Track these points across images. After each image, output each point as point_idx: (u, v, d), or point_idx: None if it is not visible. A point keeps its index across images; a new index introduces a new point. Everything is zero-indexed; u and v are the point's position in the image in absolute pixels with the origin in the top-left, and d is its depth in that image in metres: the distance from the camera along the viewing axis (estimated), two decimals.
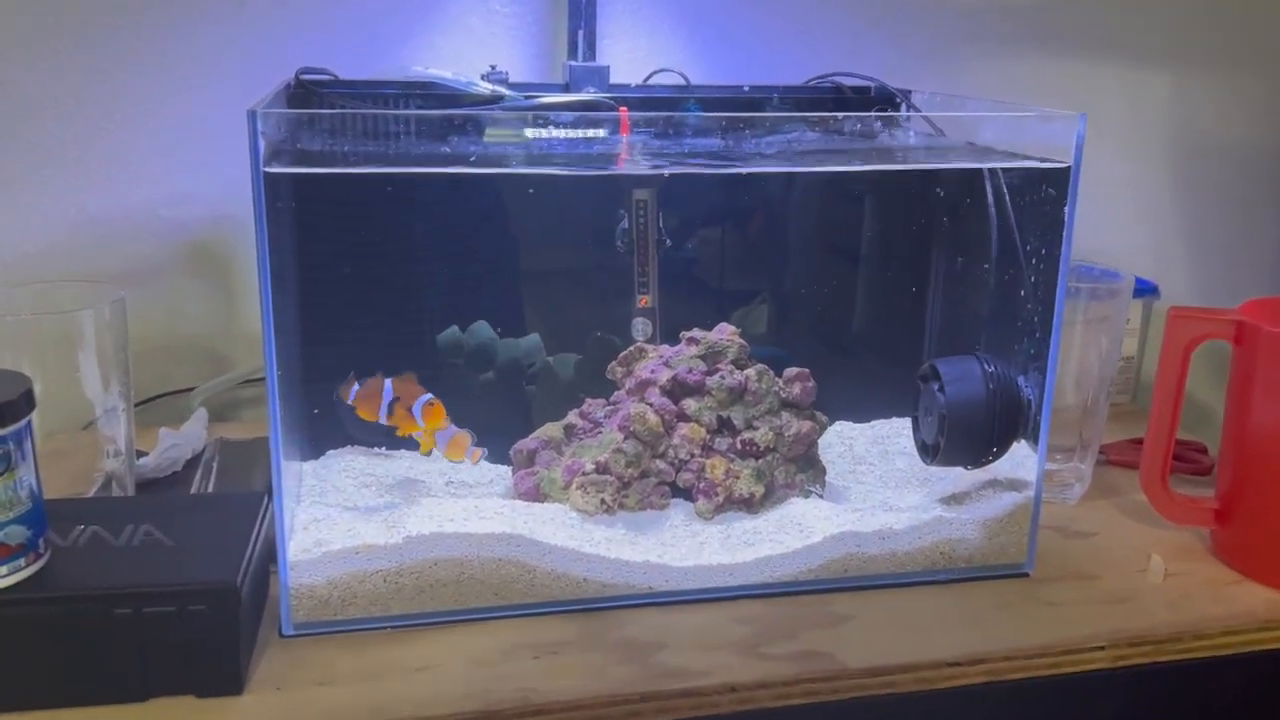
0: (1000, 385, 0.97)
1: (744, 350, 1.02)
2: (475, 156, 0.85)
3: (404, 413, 0.92)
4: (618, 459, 0.96)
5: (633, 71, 1.29)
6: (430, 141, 0.88)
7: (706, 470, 0.98)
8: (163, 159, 1.27)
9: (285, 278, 0.97)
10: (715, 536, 0.96)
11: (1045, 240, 0.97)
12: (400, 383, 0.93)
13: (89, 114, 1.24)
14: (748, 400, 1.00)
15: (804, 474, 1.01)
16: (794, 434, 1.00)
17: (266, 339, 0.83)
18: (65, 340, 0.95)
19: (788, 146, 0.87)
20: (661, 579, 0.92)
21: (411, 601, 0.89)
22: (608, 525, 0.95)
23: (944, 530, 0.98)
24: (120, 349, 0.98)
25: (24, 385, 0.77)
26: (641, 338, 1.10)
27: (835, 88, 1.24)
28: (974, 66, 1.45)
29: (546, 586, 0.90)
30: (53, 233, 1.26)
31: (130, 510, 0.88)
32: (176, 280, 1.31)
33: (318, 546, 0.88)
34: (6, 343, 0.94)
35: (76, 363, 0.95)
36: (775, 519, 0.98)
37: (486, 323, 1.10)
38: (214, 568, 0.80)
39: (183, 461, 1.16)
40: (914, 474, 1.08)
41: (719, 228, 1.14)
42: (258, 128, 0.79)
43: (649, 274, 1.09)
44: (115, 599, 0.76)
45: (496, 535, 0.90)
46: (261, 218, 0.80)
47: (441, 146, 0.85)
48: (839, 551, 0.95)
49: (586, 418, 1.03)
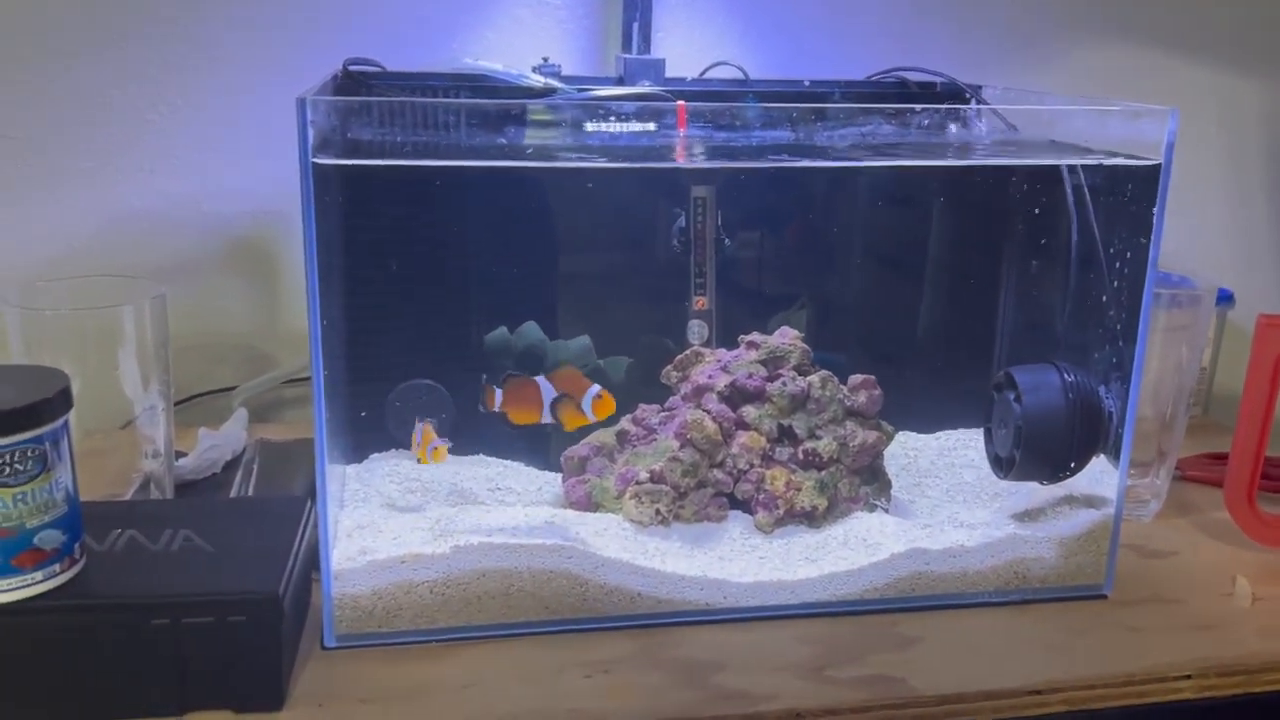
0: (1081, 396, 0.92)
1: (807, 355, 0.98)
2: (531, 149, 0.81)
3: (573, 409, 0.88)
4: (673, 468, 0.92)
5: (688, 65, 1.24)
6: (483, 133, 0.84)
7: (766, 481, 0.93)
8: (207, 153, 1.24)
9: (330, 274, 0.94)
10: (775, 551, 0.91)
11: (1128, 243, 0.91)
12: (560, 378, 0.89)
13: (133, 106, 1.22)
14: (810, 408, 0.96)
15: (868, 487, 0.97)
16: (859, 444, 0.95)
17: (313, 337, 0.79)
18: (105, 337, 0.92)
19: (862, 140, 0.82)
20: (719, 595, 0.88)
21: (458, 614, 0.85)
22: (663, 537, 0.91)
23: (1017, 549, 0.93)
24: (160, 346, 0.95)
25: (61, 383, 0.74)
26: (698, 341, 1.06)
27: (900, 83, 1.19)
28: (1046, 62, 1.39)
29: (599, 601, 0.86)
30: (95, 227, 1.24)
31: (169, 514, 0.85)
32: (218, 277, 1.28)
33: (362, 555, 0.85)
34: (45, 338, 0.91)
35: (116, 360, 0.93)
36: (839, 534, 0.93)
37: (536, 324, 1.06)
38: (255, 576, 0.76)
39: (222, 463, 1.13)
40: (983, 488, 1.03)
41: (781, 227, 1.09)
42: (307, 116, 0.75)
43: (706, 275, 1.04)
44: (152, 608, 0.73)
45: (547, 546, 0.86)
46: (310, 210, 0.76)
47: (495, 138, 0.81)
48: (906, 569, 0.91)
49: (640, 424, 0.99)
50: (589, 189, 1.04)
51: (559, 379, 0.88)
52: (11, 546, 0.71)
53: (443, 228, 1.04)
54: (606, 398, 0.88)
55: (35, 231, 1.23)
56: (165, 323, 0.95)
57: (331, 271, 0.94)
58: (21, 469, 0.70)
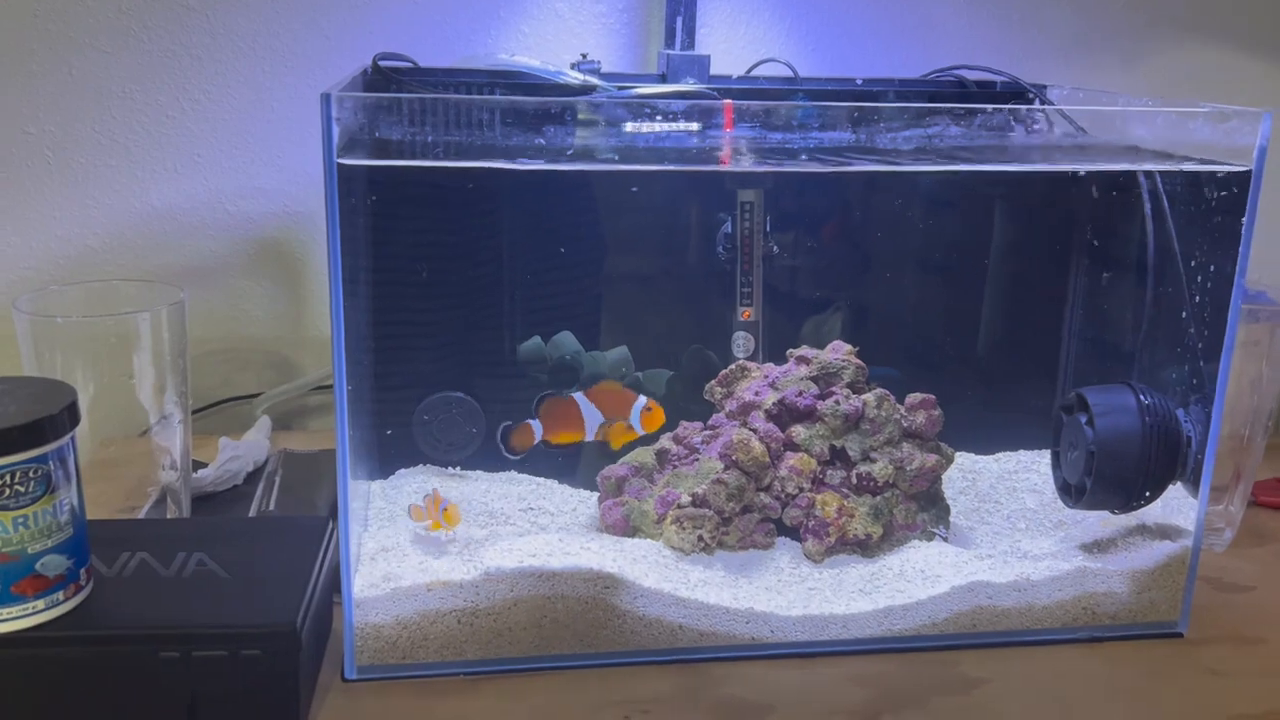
0: (1157, 419, 0.85)
1: (862, 372, 0.92)
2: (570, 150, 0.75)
3: (620, 426, 0.82)
4: (717, 491, 0.86)
5: (733, 62, 1.19)
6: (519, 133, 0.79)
7: (817, 507, 0.88)
8: (232, 151, 1.21)
9: (357, 279, 0.90)
10: (826, 582, 0.86)
11: (1211, 255, 0.85)
12: (600, 394, 0.83)
13: (155, 102, 1.18)
14: (865, 429, 0.90)
15: (926, 514, 0.91)
16: (916, 468, 0.89)
17: (336, 346, 0.74)
18: (120, 343, 0.87)
19: (928, 142, 0.76)
20: (766, 629, 0.82)
21: (488, 646, 0.80)
22: (705, 566, 0.86)
23: (1086, 582, 0.87)
24: (178, 354, 0.90)
25: (67, 397, 0.69)
26: (743, 355, 1.00)
27: (958, 82, 1.13)
28: (1111, 63, 1.32)
29: (637, 634, 0.81)
30: (115, 227, 1.21)
31: (182, 535, 0.80)
32: (242, 280, 1.24)
33: (386, 581, 0.80)
34: (57, 345, 0.87)
35: (131, 368, 0.88)
36: (894, 564, 0.88)
37: (571, 333, 1.01)
38: (272, 606, 0.71)
39: (243, 474, 1.09)
40: (1047, 515, 0.97)
41: (834, 234, 1.03)
42: (332, 113, 0.70)
43: (753, 284, 0.99)
44: (161, 640, 0.68)
45: (582, 573, 0.81)
46: (333, 212, 0.71)
47: (533, 139, 0.75)
48: (968, 604, 0.85)
49: (681, 443, 0.93)
50: (629, 193, 0.99)
51: (599, 396, 0.83)
52: (12, 573, 0.66)
53: (475, 232, 0.99)
54: (656, 409, 0.83)
55: (54, 232, 1.20)
56: (183, 329, 0.91)
57: (358, 276, 0.90)
58: (23, 490, 0.66)
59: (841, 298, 1.04)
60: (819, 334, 1.04)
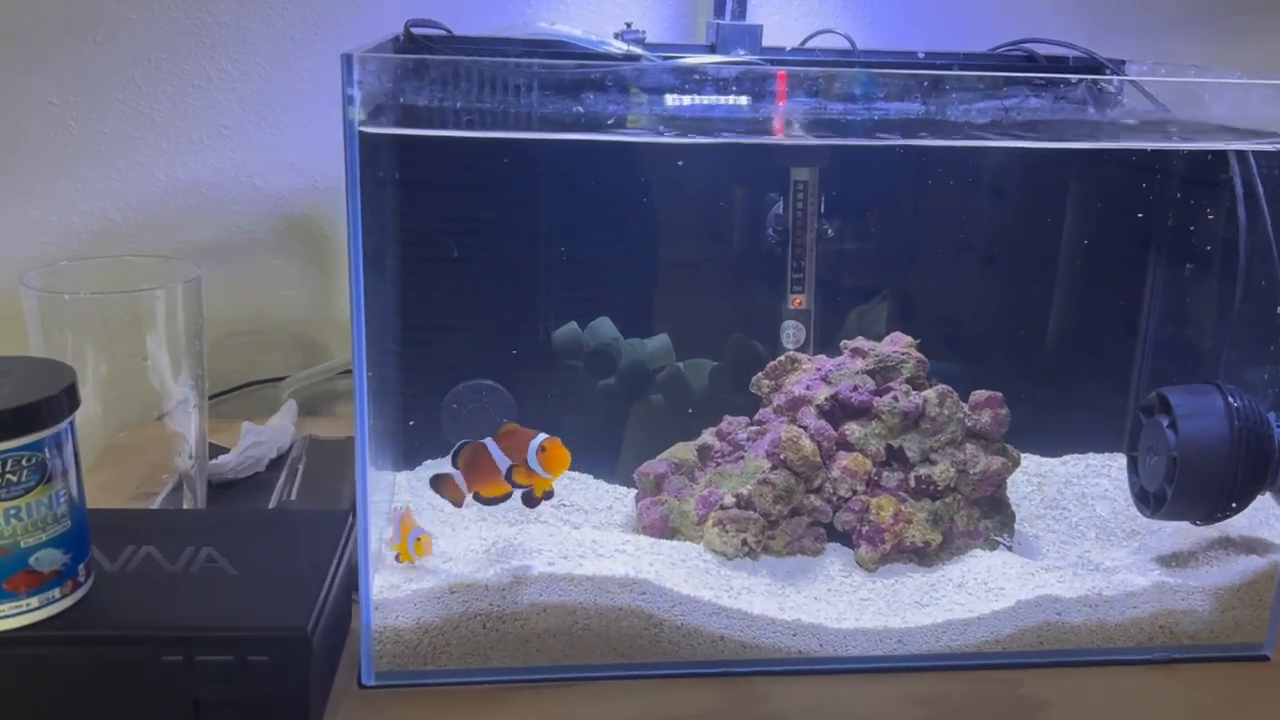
0: (1247, 424, 0.78)
1: (922, 366, 0.86)
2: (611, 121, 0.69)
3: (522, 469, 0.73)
4: (763, 492, 0.81)
5: (787, 34, 1.12)
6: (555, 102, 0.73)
7: (871, 511, 0.82)
8: (260, 123, 1.16)
9: (383, 259, 0.85)
10: (880, 593, 0.80)
11: None
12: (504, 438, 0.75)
13: (182, 72, 1.14)
14: (925, 428, 0.84)
15: (989, 520, 0.85)
16: (980, 472, 0.83)
17: (356, 328, 0.69)
18: (133, 322, 0.83)
19: (1004, 115, 0.69)
20: (814, 642, 0.77)
21: (515, 654, 0.75)
22: (750, 572, 0.80)
23: (1164, 599, 0.80)
24: (194, 335, 0.86)
25: (67, 379, 0.64)
26: (793, 345, 0.94)
27: (1028, 56, 1.05)
28: (1196, 36, 1.24)
29: (675, 644, 0.76)
30: (139, 201, 1.17)
31: (192, 527, 0.76)
32: (270, 258, 1.20)
33: (407, 582, 0.75)
34: (67, 323, 0.82)
35: (145, 349, 0.83)
36: (954, 574, 0.82)
37: (609, 319, 0.96)
38: (283, 608, 0.67)
39: (266, 461, 1.05)
40: (1119, 524, 0.90)
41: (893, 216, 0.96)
42: (354, 75, 0.65)
43: (805, 269, 0.93)
44: (163, 643, 0.64)
45: (617, 579, 0.75)
46: (354, 183, 0.67)
47: (571, 107, 0.69)
48: (1034, 619, 0.78)
49: (725, 439, 0.87)
50: (674, 170, 0.92)
51: (503, 439, 0.74)
52: (3, 568, 0.62)
53: (510, 209, 0.94)
54: (553, 448, 0.72)
55: (76, 206, 1.16)
56: (199, 308, 0.86)
57: (384, 256, 0.85)
58: (15, 480, 0.61)
59: (900, 285, 0.98)
60: (863, 323, 0.98)
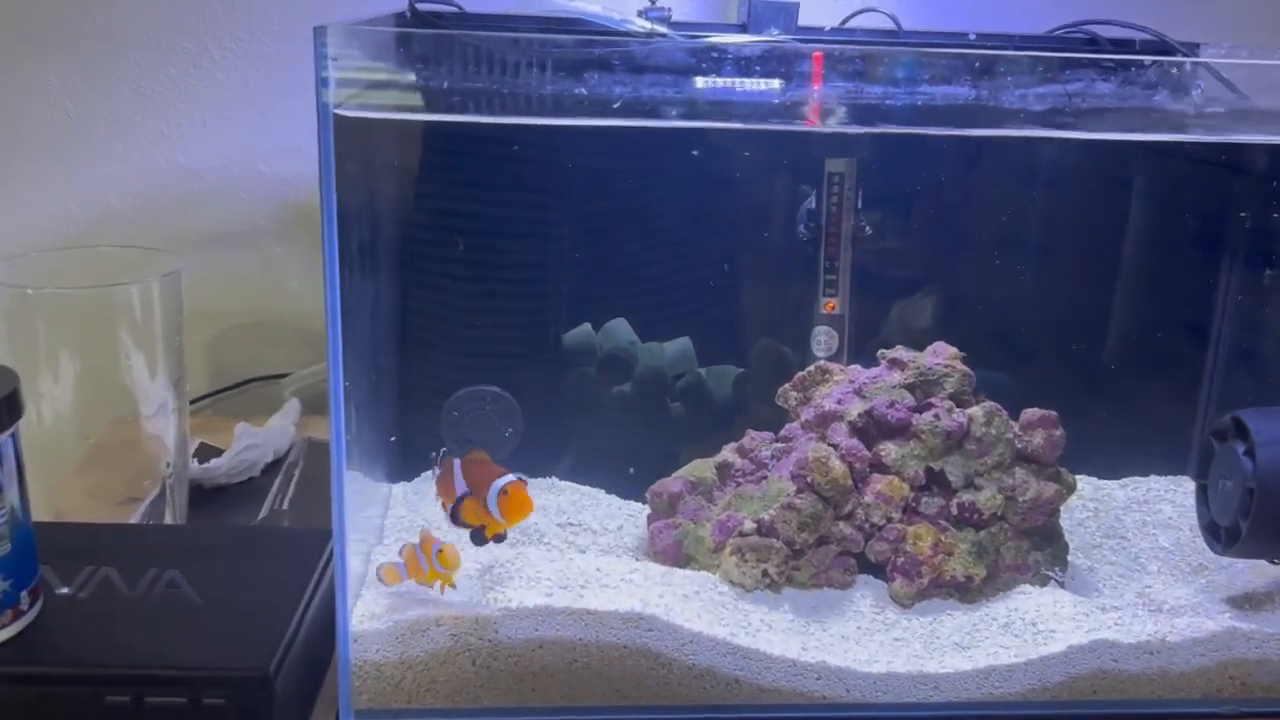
0: None
1: (967, 381, 0.78)
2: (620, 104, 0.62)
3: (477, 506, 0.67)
4: (787, 519, 0.73)
5: (826, 13, 1.04)
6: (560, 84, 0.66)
7: (908, 541, 0.74)
8: (266, 105, 1.12)
9: (377, 254, 0.78)
10: (917, 632, 0.73)
11: None
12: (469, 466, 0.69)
13: (183, 50, 1.10)
14: (969, 450, 0.76)
15: (1040, 553, 0.77)
16: (1031, 499, 0.75)
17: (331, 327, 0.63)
18: (107, 318, 0.77)
19: (1067, 101, 0.61)
20: (840, 687, 0.70)
21: (508, 693, 0.68)
22: (770, 607, 0.73)
23: (1236, 646, 0.73)
24: (173, 333, 0.80)
25: (8, 385, 0.58)
26: (825, 354, 0.87)
27: (1090, 39, 0.96)
28: None
29: (684, 686, 0.69)
30: (139, 186, 1.14)
31: (160, 546, 0.70)
32: (275, 246, 1.15)
33: (390, 613, 0.68)
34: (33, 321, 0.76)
35: (118, 349, 0.77)
36: (999, 613, 0.74)
37: (626, 321, 0.90)
38: (244, 645, 0.60)
39: (262, 464, 1.00)
40: (1184, 556, 0.83)
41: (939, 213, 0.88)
42: (326, 51, 0.58)
43: (839, 270, 0.86)
44: (108, 681, 0.58)
45: (621, 614, 0.68)
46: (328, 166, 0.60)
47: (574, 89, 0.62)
48: (1088, 665, 0.71)
49: (747, 456, 0.80)
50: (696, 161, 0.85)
51: (468, 466, 0.68)
52: None
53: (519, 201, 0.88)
54: (516, 494, 0.67)
55: (74, 192, 1.12)
56: (178, 305, 0.80)
57: (378, 250, 0.79)
58: None
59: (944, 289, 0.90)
60: (905, 316, 0.90)
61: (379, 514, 0.82)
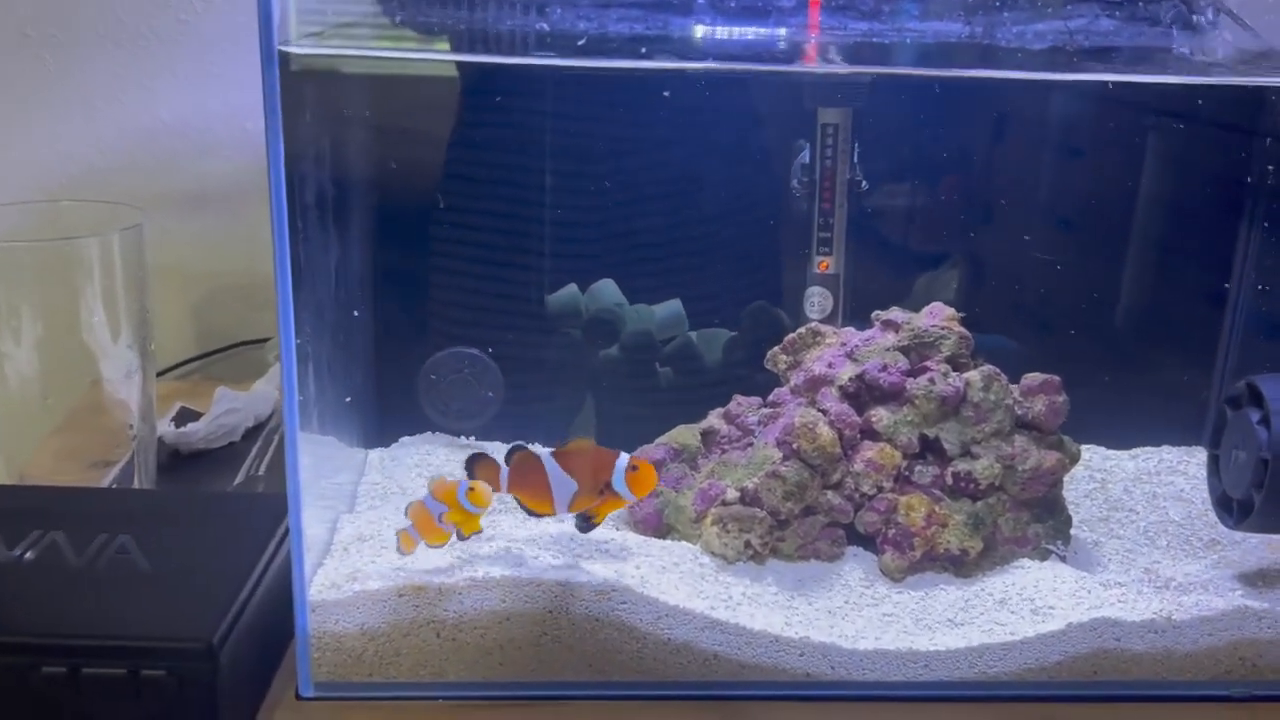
0: None
1: (965, 344, 0.74)
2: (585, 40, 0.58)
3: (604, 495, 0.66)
4: (772, 487, 0.70)
5: None
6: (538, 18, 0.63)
7: (900, 511, 0.71)
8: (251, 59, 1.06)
9: (349, 209, 0.76)
10: (907, 608, 0.70)
11: None
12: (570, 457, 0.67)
13: (167, 3, 1.07)
14: (966, 416, 0.73)
15: (1040, 525, 0.74)
16: (1031, 468, 0.72)
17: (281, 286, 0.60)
18: (64, 274, 0.74)
19: (1069, 39, 0.57)
20: (825, 664, 0.67)
21: (473, 667, 0.66)
22: (752, 579, 0.70)
23: (1246, 625, 0.69)
24: (136, 290, 0.77)
25: None
26: (818, 315, 0.84)
27: None
28: None
29: (660, 662, 0.66)
30: (121, 143, 1.12)
31: (113, 511, 0.67)
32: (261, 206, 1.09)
33: (350, 582, 0.65)
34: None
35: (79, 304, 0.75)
36: (996, 588, 0.71)
37: (613, 282, 0.87)
38: (188, 613, 0.58)
39: (242, 430, 0.99)
40: (1196, 532, 0.79)
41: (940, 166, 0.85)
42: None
43: (834, 228, 0.82)
44: (44, 651, 0.55)
45: (594, 585, 0.65)
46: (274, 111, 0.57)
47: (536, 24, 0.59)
48: (1088, 645, 0.68)
49: (734, 422, 0.78)
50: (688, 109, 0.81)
51: (570, 460, 0.65)
52: None
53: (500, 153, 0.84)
54: (645, 468, 0.65)
55: (54, 149, 1.11)
56: (141, 260, 0.78)
57: (351, 206, 0.76)
58: None
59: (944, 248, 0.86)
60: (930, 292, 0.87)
61: (351, 479, 0.79)
